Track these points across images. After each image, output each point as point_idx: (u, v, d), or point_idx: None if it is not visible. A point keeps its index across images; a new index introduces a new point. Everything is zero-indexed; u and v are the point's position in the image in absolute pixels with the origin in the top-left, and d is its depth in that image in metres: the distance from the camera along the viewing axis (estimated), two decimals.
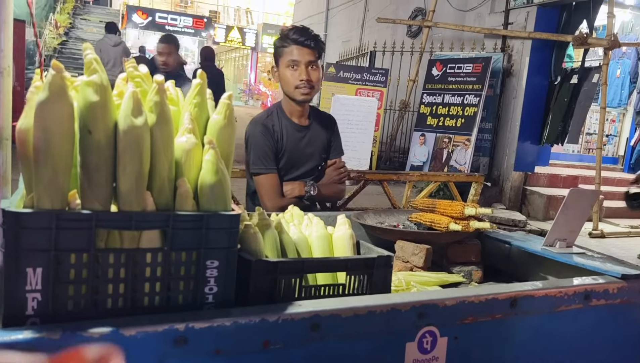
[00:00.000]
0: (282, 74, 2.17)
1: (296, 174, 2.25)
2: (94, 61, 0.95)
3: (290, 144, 2.21)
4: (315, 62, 2.14)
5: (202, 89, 1.12)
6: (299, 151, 2.24)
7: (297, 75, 2.12)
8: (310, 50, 2.11)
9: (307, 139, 2.27)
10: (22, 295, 0.90)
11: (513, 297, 1.29)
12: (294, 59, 2.11)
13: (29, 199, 0.92)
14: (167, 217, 0.98)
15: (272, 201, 2.13)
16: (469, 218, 1.75)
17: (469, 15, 8.51)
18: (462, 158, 7.06)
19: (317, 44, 2.14)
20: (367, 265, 1.22)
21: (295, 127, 2.25)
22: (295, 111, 2.24)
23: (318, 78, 2.16)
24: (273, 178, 2.17)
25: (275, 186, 2.16)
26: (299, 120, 2.26)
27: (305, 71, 2.12)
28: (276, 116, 2.24)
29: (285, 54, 2.14)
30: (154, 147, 0.98)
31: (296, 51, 2.11)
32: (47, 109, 0.88)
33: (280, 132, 2.21)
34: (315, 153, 2.29)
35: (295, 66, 2.12)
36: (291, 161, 2.23)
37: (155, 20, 22.58)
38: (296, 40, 2.11)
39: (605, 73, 6.53)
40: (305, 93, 2.15)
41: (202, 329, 0.94)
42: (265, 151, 2.16)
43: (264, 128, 2.18)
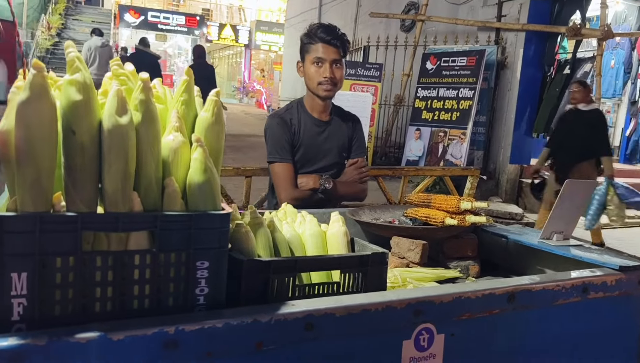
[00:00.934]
0: (307, 70, 2.23)
1: (312, 169, 2.25)
2: (77, 59, 0.92)
3: (307, 138, 2.25)
4: (339, 61, 2.21)
5: (189, 86, 1.10)
6: (317, 145, 2.27)
7: (321, 72, 2.18)
8: (335, 49, 2.18)
9: (325, 134, 2.29)
10: (7, 301, 0.87)
11: (510, 292, 1.27)
12: (320, 57, 2.18)
13: (11, 202, 0.90)
14: (155, 218, 0.96)
15: (286, 191, 2.15)
16: (464, 212, 1.74)
17: (462, 9, 8.49)
18: (458, 152, 7.05)
19: (343, 44, 2.21)
20: (361, 262, 1.20)
21: (314, 122, 2.29)
22: (317, 106, 2.29)
23: (341, 76, 2.23)
24: (287, 168, 2.19)
25: (289, 176, 2.19)
26: (319, 115, 2.30)
27: (330, 68, 2.18)
28: (295, 110, 2.30)
29: (312, 50, 2.20)
30: (140, 146, 0.96)
31: (322, 49, 2.17)
32: (29, 109, 0.86)
33: (298, 125, 2.25)
34: (333, 149, 2.30)
35: (320, 63, 2.18)
36: (307, 155, 2.25)
37: (148, 20, 22.49)
38: (323, 39, 2.17)
39: (599, 64, 6.53)
40: (328, 90, 2.21)
41: (193, 331, 0.92)
42: (281, 141, 2.21)
43: (281, 120, 2.24)
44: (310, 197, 2.17)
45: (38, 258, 0.88)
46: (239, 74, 28.46)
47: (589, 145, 5.08)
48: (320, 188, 2.17)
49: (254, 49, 26.73)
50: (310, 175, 2.22)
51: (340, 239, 1.35)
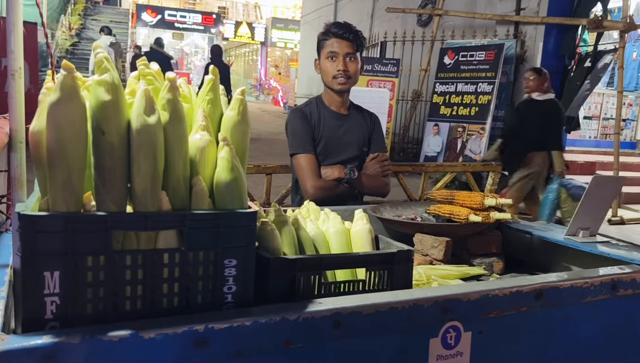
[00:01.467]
0: (322, 65, 2.28)
1: (333, 162, 2.27)
2: (105, 59, 0.93)
3: (327, 131, 2.28)
4: (353, 54, 2.23)
5: (214, 85, 1.10)
6: (337, 138, 2.29)
7: (335, 66, 2.22)
8: (348, 42, 2.22)
9: (345, 127, 2.32)
10: (41, 299, 0.88)
11: (538, 289, 1.25)
12: (333, 51, 2.22)
13: (43, 202, 0.91)
14: (183, 216, 0.96)
15: (311, 180, 2.17)
16: (489, 209, 1.72)
17: (480, 2, 8.40)
18: (477, 147, 6.99)
19: (356, 38, 2.24)
20: (387, 260, 1.20)
21: (333, 115, 2.32)
22: (335, 101, 2.33)
23: (356, 70, 2.26)
24: (311, 158, 2.22)
25: (312, 166, 2.21)
26: (337, 109, 2.34)
27: (343, 62, 2.22)
28: (315, 105, 2.34)
29: (326, 46, 2.25)
30: (168, 145, 0.97)
31: (335, 43, 2.22)
32: (59, 110, 0.87)
33: (318, 118, 2.29)
34: (353, 142, 2.32)
35: (334, 57, 2.23)
36: (328, 148, 2.28)
37: (165, 18, 22.67)
38: (336, 34, 2.22)
39: (621, 56, 6.41)
40: (342, 83, 2.24)
41: (222, 330, 0.92)
42: (303, 133, 2.24)
43: (301, 113, 2.29)
44: (335, 188, 2.18)
45: (70, 257, 0.89)
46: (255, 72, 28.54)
47: (541, 136, 4.83)
48: (345, 178, 2.18)
49: (270, 46, 26.77)
50: (334, 165, 2.24)
51: (365, 236, 1.34)
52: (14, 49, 1.06)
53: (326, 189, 2.16)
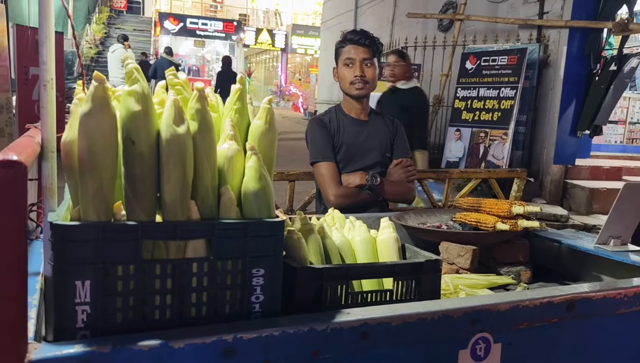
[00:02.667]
0: (340, 72, 2.29)
1: (356, 168, 2.26)
2: (135, 70, 0.94)
3: (347, 137, 2.28)
4: (370, 60, 2.24)
5: (242, 94, 1.10)
6: (358, 143, 2.29)
7: (352, 72, 2.23)
8: (364, 48, 2.22)
9: (366, 133, 2.32)
10: (72, 308, 0.89)
11: (569, 300, 1.23)
12: (349, 57, 2.23)
13: (75, 211, 0.92)
14: (212, 226, 0.96)
15: (332, 189, 2.17)
16: (516, 217, 1.69)
17: (502, 7, 8.31)
18: (500, 153, 6.90)
19: (372, 43, 2.25)
20: (414, 269, 1.18)
21: (354, 122, 2.32)
22: (354, 107, 2.33)
23: (373, 75, 2.26)
24: (331, 166, 2.22)
25: (333, 174, 2.21)
26: (357, 116, 2.34)
27: (360, 67, 2.22)
28: (334, 113, 2.35)
29: (343, 53, 2.27)
30: (196, 155, 0.97)
31: (352, 50, 2.23)
32: (91, 121, 0.88)
33: (337, 126, 2.29)
34: (374, 148, 2.31)
35: (351, 64, 2.24)
36: (349, 153, 2.27)
37: (187, 26, 22.96)
38: (352, 40, 2.24)
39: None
40: (359, 88, 2.24)
41: (251, 340, 0.92)
42: (322, 142, 2.25)
43: (320, 122, 2.30)
44: (357, 195, 2.16)
45: (101, 266, 0.90)
46: (276, 78, 28.68)
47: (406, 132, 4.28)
48: (367, 185, 2.17)
49: (290, 52, 26.90)
50: (356, 172, 2.23)
51: (391, 245, 1.33)
52: (46, 60, 1.07)
53: (348, 197, 2.15)
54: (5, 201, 0.74)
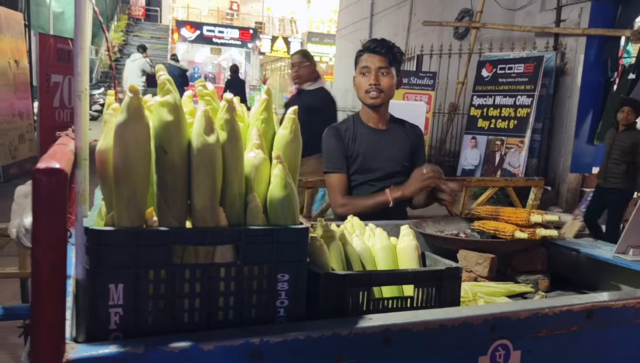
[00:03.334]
0: (356, 80, 2.27)
1: (375, 177, 2.25)
2: (167, 81, 0.98)
3: (364, 147, 2.26)
4: (386, 69, 2.19)
5: (268, 104, 1.14)
6: (375, 152, 2.27)
7: (367, 80, 2.21)
8: (380, 56, 2.19)
9: (384, 142, 2.29)
10: (106, 310, 0.93)
11: (589, 309, 1.24)
12: (365, 65, 2.21)
13: (109, 217, 0.96)
14: (240, 232, 1.00)
15: (337, 198, 2.20)
16: (535, 226, 1.70)
17: (519, 14, 8.31)
18: (516, 161, 6.88)
19: (389, 52, 2.21)
20: (435, 277, 1.20)
21: (371, 131, 2.30)
22: (371, 116, 2.30)
23: (389, 84, 2.21)
24: (340, 177, 2.23)
25: (340, 184, 2.22)
26: (375, 125, 2.31)
27: (375, 76, 2.19)
28: (352, 121, 2.33)
29: (360, 61, 2.25)
30: (225, 164, 1.00)
31: (368, 58, 2.21)
32: (126, 131, 0.92)
33: (354, 135, 2.28)
34: (393, 158, 2.29)
35: (367, 73, 2.21)
36: (366, 163, 2.25)
37: (203, 34, 23.21)
38: (368, 48, 2.22)
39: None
40: (374, 97, 2.21)
41: (277, 343, 0.95)
42: (335, 152, 2.25)
43: (336, 131, 2.29)
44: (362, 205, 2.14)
45: (133, 270, 0.93)
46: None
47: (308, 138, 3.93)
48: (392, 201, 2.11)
49: None
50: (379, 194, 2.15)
51: (411, 253, 1.35)
52: (81, 71, 1.11)
53: (352, 207, 2.13)
54: (49, 206, 0.78)
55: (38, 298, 0.80)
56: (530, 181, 3.25)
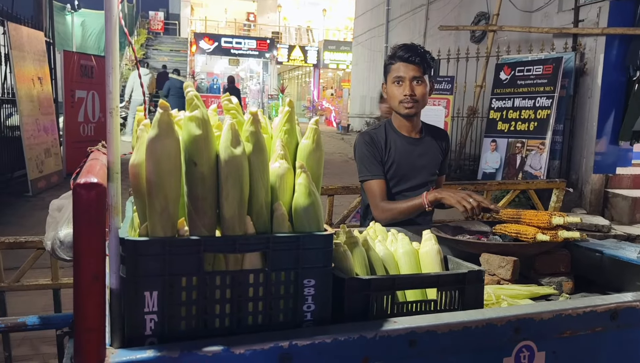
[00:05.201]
0: (389, 90, 2.24)
1: (407, 186, 2.25)
2: (195, 97, 1.03)
3: (399, 155, 2.24)
4: (420, 78, 2.18)
5: (291, 116, 1.18)
6: (410, 162, 2.25)
7: (401, 90, 2.18)
8: (415, 66, 2.16)
9: (418, 151, 2.28)
10: (141, 317, 0.97)
11: (613, 309, 1.25)
12: (399, 75, 2.18)
13: (143, 228, 1.00)
14: (267, 239, 1.04)
15: (377, 208, 2.16)
16: (556, 228, 1.71)
17: (536, 16, 8.25)
18: (537, 163, 6.82)
19: (423, 60, 2.18)
20: (458, 280, 1.23)
21: (406, 140, 2.28)
22: (404, 125, 2.28)
23: (423, 93, 2.20)
24: (379, 183, 2.19)
25: (381, 191, 2.18)
26: (409, 133, 2.29)
27: (409, 86, 2.16)
28: (384, 128, 2.30)
29: (392, 70, 2.21)
30: (251, 174, 1.05)
31: (402, 68, 2.17)
32: (158, 145, 0.97)
33: (388, 143, 2.25)
34: (426, 167, 2.28)
35: (401, 82, 2.18)
36: (401, 172, 2.24)
37: (221, 45, 23.50)
38: (402, 57, 2.17)
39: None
40: (409, 107, 2.19)
41: (305, 346, 0.98)
42: (370, 158, 2.22)
43: (369, 137, 2.25)
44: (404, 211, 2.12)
45: (167, 278, 0.98)
46: (308, 93, 28.97)
47: None
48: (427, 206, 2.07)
49: (322, 68, 27.17)
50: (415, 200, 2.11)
51: (434, 257, 1.37)
52: (112, 89, 1.16)
53: (393, 213, 2.12)
54: (89, 218, 0.83)
55: (80, 305, 0.85)
56: (552, 183, 3.24)
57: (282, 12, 28.35)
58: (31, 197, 6.89)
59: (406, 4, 13.58)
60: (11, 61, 6.70)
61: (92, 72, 8.70)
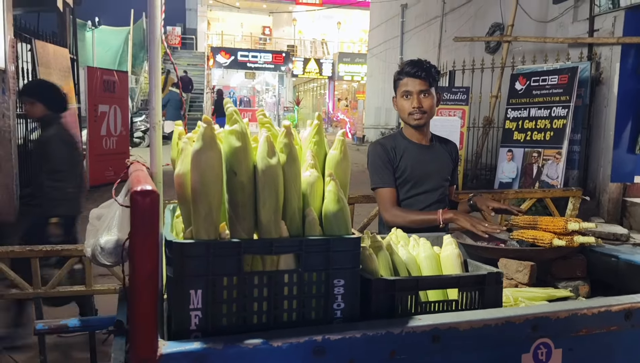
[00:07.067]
0: (399, 103, 2.39)
1: (421, 190, 2.36)
2: (234, 113, 1.12)
3: (412, 160, 2.37)
4: (427, 91, 2.32)
5: (319, 129, 1.27)
6: (422, 166, 2.37)
7: (409, 103, 2.33)
8: (421, 80, 2.30)
9: (429, 157, 2.41)
10: (187, 313, 1.06)
11: (627, 309, 1.31)
12: (407, 90, 2.33)
13: (188, 232, 1.10)
14: (300, 242, 1.12)
15: (389, 209, 2.29)
16: (572, 233, 1.77)
17: (550, 26, 8.30)
18: (554, 172, 6.83)
19: (429, 74, 2.32)
20: (478, 281, 1.30)
21: (417, 146, 2.41)
22: (415, 134, 2.42)
23: (430, 104, 2.34)
24: (389, 191, 2.33)
25: (391, 198, 2.31)
26: (419, 141, 2.43)
27: (417, 99, 2.31)
28: (396, 137, 2.44)
29: (401, 85, 2.36)
30: (285, 182, 1.14)
31: (409, 82, 2.32)
32: (202, 156, 1.06)
33: (399, 150, 2.38)
34: (437, 172, 2.40)
35: (409, 96, 2.33)
36: (414, 176, 2.36)
37: (238, 59, 23.84)
38: (409, 73, 2.32)
39: None
40: (417, 118, 2.33)
41: (337, 340, 1.06)
42: (381, 167, 2.35)
43: (381, 146, 2.39)
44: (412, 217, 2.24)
45: (210, 277, 1.07)
46: (324, 105, 29.16)
47: None
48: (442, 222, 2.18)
49: (337, 80, 27.36)
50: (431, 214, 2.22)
51: (454, 260, 1.45)
52: (155, 105, 1.27)
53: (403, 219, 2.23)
54: (145, 222, 0.92)
55: (136, 301, 0.94)
56: (568, 192, 3.28)
57: (297, 26, 28.65)
58: None
59: (421, 16, 13.69)
60: (38, 77, 6.92)
61: (114, 87, 8.92)
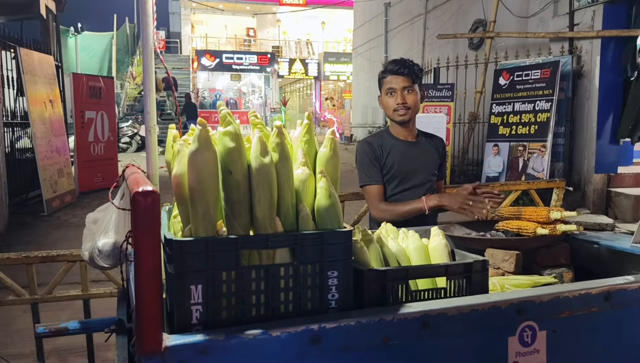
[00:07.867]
0: (384, 100, 2.47)
1: (409, 186, 2.43)
2: (227, 115, 1.17)
3: (398, 157, 2.44)
4: (410, 87, 2.40)
5: (309, 128, 1.32)
6: (409, 162, 2.45)
7: (394, 100, 2.41)
8: (404, 77, 2.39)
9: (415, 152, 2.48)
10: (188, 308, 1.11)
11: (606, 291, 1.38)
12: (391, 87, 2.41)
13: (187, 229, 1.15)
14: (295, 237, 1.18)
15: (376, 205, 2.37)
16: (555, 222, 1.84)
17: (532, 21, 8.43)
18: (539, 165, 6.95)
19: (412, 71, 2.40)
20: (465, 269, 1.36)
21: (403, 143, 2.48)
22: (401, 131, 2.50)
23: (414, 100, 2.42)
24: (377, 188, 2.41)
25: (379, 194, 2.39)
26: (405, 138, 2.50)
27: (401, 95, 2.39)
28: (381, 135, 2.52)
29: (385, 83, 2.44)
30: (279, 180, 1.19)
31: (393, 80, 2.41)
32: (198, 157, 1.11)
33: (386, 147, 2.45)
34: (424, 168, 2.48)
35: (393, 93, 2.41)
36: (401, 172, 2.43)
37: (223, 61, 23.81)
38: (392, 70, 2.41)
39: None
40: (402, 114, 2.42)
41: (332, 328, 1.12)
42: (368, 164, 2.43)
43: (368, 144, 2.47)
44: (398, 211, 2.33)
45: (209, 273, 1.12)
46: (310, 105, 29.22)
47: None
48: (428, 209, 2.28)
49: (323, 80, 27.44)
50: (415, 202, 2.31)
51: (442, 250, 1.51)
52: (150, 110, 1.32)
53: (389, 212, 2.31)
54: (146, 220, 0.97)
55: (141, 296, 0.99)
56: (552, 183, 3.37)
57: (281, 27, 28.69)
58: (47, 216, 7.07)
59: (404, 14, 13.81)
60: (24, 85, 6.91)
61: (101, 93, 8.91)
